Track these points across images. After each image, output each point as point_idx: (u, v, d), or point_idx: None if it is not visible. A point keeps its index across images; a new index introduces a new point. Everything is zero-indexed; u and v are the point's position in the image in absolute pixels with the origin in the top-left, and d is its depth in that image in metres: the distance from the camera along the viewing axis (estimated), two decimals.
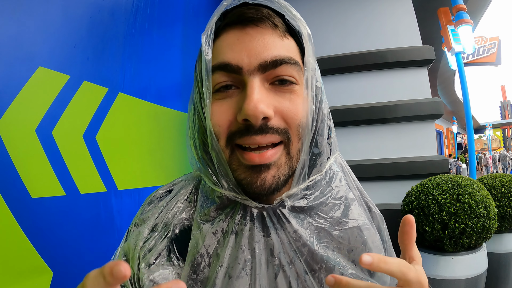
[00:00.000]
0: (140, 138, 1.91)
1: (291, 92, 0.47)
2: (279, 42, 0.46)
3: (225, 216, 0.50)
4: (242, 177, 0.46)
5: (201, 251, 0.49)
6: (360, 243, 0.53)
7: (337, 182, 0.55)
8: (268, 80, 0.46)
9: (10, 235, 1.15)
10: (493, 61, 18.08)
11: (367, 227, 0.55)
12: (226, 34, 0.47)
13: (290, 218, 0.49)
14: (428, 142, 3.28)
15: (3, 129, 1.14)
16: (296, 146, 0.47)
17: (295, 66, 0.47)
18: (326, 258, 0.49)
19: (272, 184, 0.46)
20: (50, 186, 1.31)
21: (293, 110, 0.46)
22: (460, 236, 2.21)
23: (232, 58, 0.45)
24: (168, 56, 2.26)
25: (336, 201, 0.53)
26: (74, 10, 1.49)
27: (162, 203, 0.57)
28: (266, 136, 0.44)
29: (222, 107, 0.46)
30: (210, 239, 0.49)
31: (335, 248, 0.51)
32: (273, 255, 0.48)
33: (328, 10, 3.65)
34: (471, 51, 4.96)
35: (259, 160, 0.44)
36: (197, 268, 0.49)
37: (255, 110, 0.42)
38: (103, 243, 1.54)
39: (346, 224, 0.52)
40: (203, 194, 0.53)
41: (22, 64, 1.23)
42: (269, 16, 0.46)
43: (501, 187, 2.90)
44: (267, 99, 0.45)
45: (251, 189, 0.46)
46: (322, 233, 0.51)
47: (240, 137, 0.45)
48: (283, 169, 0.47)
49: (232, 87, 0.47)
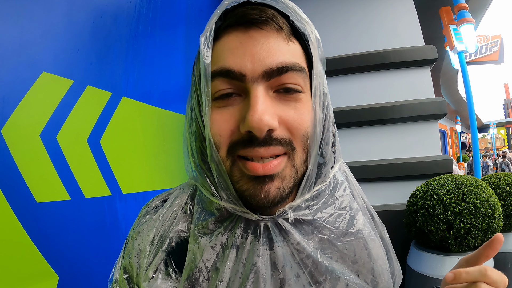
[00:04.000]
0: (144, 141, 1.92)
1: (296, 101, 0.44)
2: (284, 46, 0.43)
3: (224, 229, 0.48)
4: (245, 188, 0.44)
5: (199, 266, 0.47)
6: (366, 255, 0.51)
7: (341, 191, 0.53)
8: (273, 88, 0.43)
9: (16, 239, 1.15)
10: (496, 59, 18.04)
11: (372, 238, 0.53)
12: (227, 36, 0.44)
13: (292, 229, 0.47)
14: (432, 142, 3.27)
15: (8, 134, 1.15)
16: (301, 157, 0.45)
17: (301, 73, 0.44)
18: (331, 269, 0.47)
19: (276, 196, 0.43)
20: (55, 191, 1.32)
21: (298, 120, 0.43)
22: (466, 236, 2.19)
23: (235, 64, 0.42)
24: (171, 60, 2.26)
25: (341, 211, 0.51)
26: (77, 15, 1.50)
27: (158, 215, 0.54)
28: (269, 148, 0.42)
29: (223, 116, 0.43)
30: (208, 253, 0.47)
31: (339, 259, 0.49)
32: (276, 269, 0.46)
33: (329, 10, 3.65)
34: (473, 50, 4.93)
35: (263, 171, 0.42)
36: (195, 283, 0.47)
37: (260, 123, 0.39)
38: (108, 247, 1.54)
39: (351, 235, 0.51)
40: (200, 205, 0.50)
41: (26, 69, 1.24)
42: (273, 17, 0.43)
43: (506, 186, 2.88)
44: (272, 109, 0.42)
45: (254, 201, 0.43)
46: (326, 244, 0.49)
47: (243, 148, 0.42)
48: (287, 181, 0.44)
49: (234, 94, 0.44)
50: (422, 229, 2.32)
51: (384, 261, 0.55)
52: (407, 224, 2.51)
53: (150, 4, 2.04)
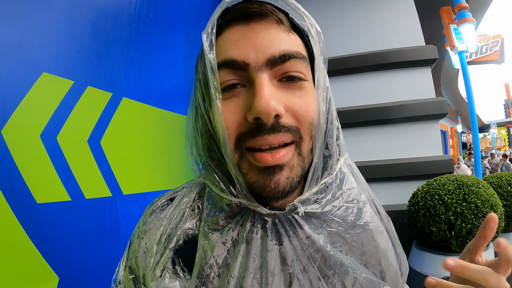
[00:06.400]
0: (145, 142, 1.91)
1: (301, 89, 0.44)
2: (285, 37, 0.44)
3: (235, 224, 0.48)
4: (254, 180, 0.44)
5: (210, 262, 0.47)
6: (374, 247, 0.51)
7: (348, 184, 0.53)
8: (277, 77, 0.44)
9: (16, 240, 1.15)
10: (496, 59, 18.02)
11: (380, 230, 0.53)
12: (229, 31, 0.45)
13: (303, 223, 0.47)
14: (433, 142, 3.27)
15: (8, 135, 1.15)
16: (308, 145, 0.45)
17: (303, 61, 0.45)
18: (340, 263, 0.47)
19: (286, 186, 0.43)
20: (55, 191, 1.31)
21: (303, 107, 0.44)
22: (467, 236, 2.19)
23: (238, 54, 0.42)
24: (172, 60, 2.26)
25: (349, 204, 0.51)
26: (77, 15, 1.50)
27: (165, 214, 0.54)
28: (278, 135, 0.42)
29: (228, 108, 0.43)
30: (219, 249, 0.47)
31: (348, 252, 0.49)
32: (286, 264, 0.46)
33: (329, 10, 3.65)
34: (474, 50, 4.93)
35: (272, 161, 0.42)
36: (206, 279, 0.46)
37: (267, 107, 0.39)
38: (108, 247, 1.54)
39: (359, 227, 0.51)
40: (210, 202, 0.50)
41: (26, 70, 1.24)
42: (273, 11, 0.44)
43: (507, 186, 2.88)
44: (277, 96, 0.42)
45: (264, 193, 0.43)
46: (335, 238, 0.49)
47: (251, 138, 0.42)
48: (296, 170, 0.44)
49: (238, 85, 0.44)
50: (424, 229, 2.32)
51: (392, 253, 0.55)
52: (408, 224, 2.51)
53: (151, 4, 2.04)
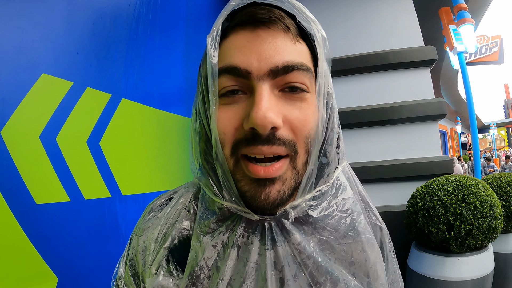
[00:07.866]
0: (144, 143, 1.92)
1: (302, 101, 0.44)
2: (291, 46, 0.43)
3: (226, 228, 0.48)
4: (246, 189, 0.44)
5: (201, 264, 0.47)
6: (364, 259, 0.51)
7: (344, 194, 0.53)
8: (278, 87, 0.43)
9: (15, 241, 1.15)
10: (496, 60, 18.05)
11: (372, 243, 0.53)
12: (235, 35, 0.44)
13: (293, 230, 0.47)
14: (432, 142, 3.27)
15: (7, 136, 1.15)
16: (303, 159, 0.45)
17: (307, 73, 0.44)
18: (331, 270, 0.47)
19: (276, 199, 0.43)
20: (55, 192, 1.32)
21: (302, 120, 0.43)
22: (466, 236, 2.19)
23: (241, 62, 0.42)
24: (171, 61, 2.27)
25: (342, 214, 0.51)
26: (77, 17, 1.50)
27: (163, 213, 0.55)
28: (272, 147, 0.41)
29: (227, 114, 0.43)
30: (209, 252, 0.48)
31: (337, 261, 0.49)
32: (276, 268, 0.46)
33: (328, 11, 3.65)
34: (473, 51, 4.94)
35: (264, 174, 0.42)
36: (197, 280, 0.47)
37: (264, 120, 0.39)
38: (107, 248, 1.54)
39: (350, 238, 0.50)
40: (203, 204, 0.51)
41: (25, 71, 1.24)
42: (281, 17, 0.43)
43: (506, 186, 2.88)
44: (276, 107, 0.42)
45: (254, 203, 0.44)
46: (325, 245, 0.49)
47: (246, 146, 0.42)
48: (288, 184, 0.44)
49: (239, 92, 0.44)
50: (423, 230, 2.32)
51: (382, 266, 0.54)
52: (407, 225, 2.51)
53: (150, 5, 2.04)
